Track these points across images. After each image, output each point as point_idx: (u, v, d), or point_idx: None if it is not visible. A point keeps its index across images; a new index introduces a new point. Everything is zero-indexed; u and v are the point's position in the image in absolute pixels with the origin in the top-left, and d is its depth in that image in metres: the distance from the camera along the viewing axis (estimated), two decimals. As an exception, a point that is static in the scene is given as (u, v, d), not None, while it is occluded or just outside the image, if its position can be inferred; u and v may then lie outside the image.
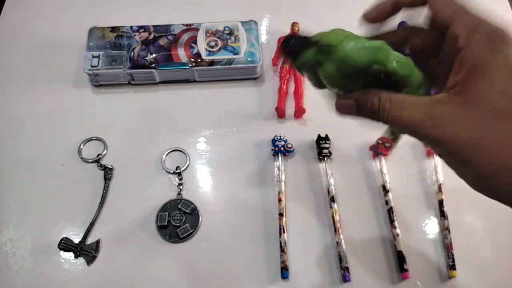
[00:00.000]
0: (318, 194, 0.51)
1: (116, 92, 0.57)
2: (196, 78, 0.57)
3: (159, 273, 0.46)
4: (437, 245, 0.48)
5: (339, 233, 0.47)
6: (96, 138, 0.53)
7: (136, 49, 0.56)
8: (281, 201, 0.49)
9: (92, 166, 0.52)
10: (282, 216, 0.48)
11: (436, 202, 0.50)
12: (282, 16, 0.64)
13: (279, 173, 0.51)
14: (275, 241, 0.47)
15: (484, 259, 0.47)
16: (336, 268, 0.46)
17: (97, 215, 0.48)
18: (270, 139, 0.53)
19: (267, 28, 0.64)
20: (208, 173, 0.52)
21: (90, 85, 0.57)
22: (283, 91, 0.55)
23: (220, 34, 0.57)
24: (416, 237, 0.48)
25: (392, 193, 0.50)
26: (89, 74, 0.55)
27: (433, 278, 0.46)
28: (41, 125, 0.55)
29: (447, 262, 0.46)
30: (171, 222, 0.48)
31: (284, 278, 0.46)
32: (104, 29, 0.58)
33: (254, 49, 0.57)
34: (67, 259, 0.47)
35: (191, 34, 0.58)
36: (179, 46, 0.57)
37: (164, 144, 0.53)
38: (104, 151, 0.52)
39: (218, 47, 0.56)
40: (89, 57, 0.55)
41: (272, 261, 0.47)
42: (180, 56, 0.56)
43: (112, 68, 0.55)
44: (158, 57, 0.56)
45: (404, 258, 0.46)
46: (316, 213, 0.49)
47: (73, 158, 0.52)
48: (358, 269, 0.46)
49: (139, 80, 0.57)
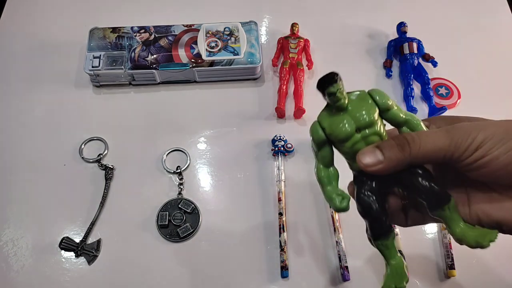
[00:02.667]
0: (318, 194, 0.51)
1: (117, 93, 0.57)
2: (197, 79, 0.58)
3: (159, 272, 0.46)
4: (436, 244, 0.48)
5: (339, 233, 0.48)
6: (97, 138, 0.54)
7: (136, 50, 0.56)
8: (281, 201, 0.49)
9: (93, 166, 0.52)
10: (282, 215, 0.48)
11: (435, 202, 0.50)
12: (282, 16, 0.64)
13: (279, 173, 0.51)
14: (275, 241, 0.48)
15: (483, 258, 0.47)
16: (336, 267, 0.47)
17: (98, 215, 0.49)
18: (270, 139, 0.53)
19: (267, 28, 0.64)
20: (208, 173, 0.52)
21: (91, 86, 0.58)
22: (283, 91, 0.56)
23: (220, 34, 0.58)
24: (415, 237, 0.49)
25: (392, 193, 0.50)
26: (90, 75, 0.56)
27: (432, 278, 0.46)
28: (42, 125, 0.55)
29: (446, 261, 0.47)
30: (171, 221, 0.48)
31: (284, 278, 0.46)
32: (105, 30, 0.58)
33: (254, 50, 0.57)
34: (68, 258, 0.47)
35: (192, 34, 0.58)
36: (179, 46, 0.57)
37: (165, 144, 0.53)
38: (105, 151, 0.53)
39: (218, 48, 0.57)
40: (90, 57, 0.55)
41: (272, 260, 0.47)
42: (181, 56, 0.56)
43: (113, 69, 0.55)
44: (158, 57, 0.56)
45: (403, 257, 0.46)
46: (316, 213, 0.50)
47: (74, 158, 0.52)
48: (358, 269, 0.47)
49: (140, 80, 0.57)
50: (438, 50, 0.60)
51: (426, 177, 0.28)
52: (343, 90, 0.28)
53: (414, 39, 0.60)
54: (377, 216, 0.29)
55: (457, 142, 0.26)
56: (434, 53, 0.59)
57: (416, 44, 0.59)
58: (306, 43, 0.60)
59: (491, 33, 0.64)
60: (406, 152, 0.27)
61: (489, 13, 0.67)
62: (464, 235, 0.28)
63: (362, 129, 0.29)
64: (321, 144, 0.30)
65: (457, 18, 0.66)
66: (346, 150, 0.29)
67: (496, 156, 0.26)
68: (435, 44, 0.61)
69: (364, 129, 0.29)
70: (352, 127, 0.28)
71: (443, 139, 0.27)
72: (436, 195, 0.28)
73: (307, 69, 0.59)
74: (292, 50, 0.59)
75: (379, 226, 0.29)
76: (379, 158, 0.28)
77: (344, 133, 0.28)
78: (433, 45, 0.60)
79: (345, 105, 0.28)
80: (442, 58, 0.59)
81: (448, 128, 0.27)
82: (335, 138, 0.29)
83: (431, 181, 0.28)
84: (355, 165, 0.29)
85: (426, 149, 0.27)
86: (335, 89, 0.27)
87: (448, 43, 0.63)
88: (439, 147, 0.27)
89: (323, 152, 0.30)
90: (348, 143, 0.29)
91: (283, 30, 0.62)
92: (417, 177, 0.28)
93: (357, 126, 0.28)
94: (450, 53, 0.61)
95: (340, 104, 0.28)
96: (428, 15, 0.66)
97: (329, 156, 0.30)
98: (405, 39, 0.60)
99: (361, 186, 0.29)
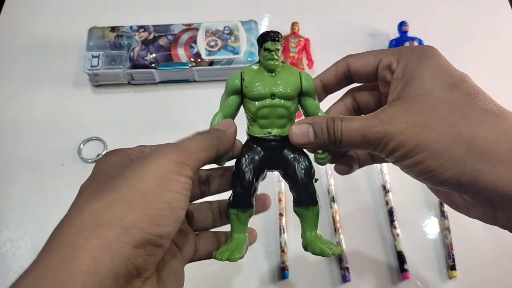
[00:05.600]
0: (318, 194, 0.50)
1: (116, 92, 0.57)
2: (196, 78, 0.57)
3: (159, 273, 0.46)
4: (437, 245, 0.48)
5: (339, 233, 0.47)
6: (96, 138, 0.53)
7: (136, 49, 0.56)
8: (281, 201, 0.49)
9: (92, 166, 0.51)
10: (282, 216, 0.48)
11: (436, 202, 0.50)
12: (282, 16, 0.64)
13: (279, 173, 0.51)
14: (275, 241, 0.47)
15: (484, 259, 0.47)
16: (336, 268, 0.46)
17: (97, 215, 0.48)
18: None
19: (267, 28, 0.64)
20: (208, 173, 0.52)
21: (90, 85, 0.57)
22: (283, 91, 0.55)
23: (220, 34, 0.57)
24: (416, 237, 0.48)
25: (392, 193, 0.50)
26: (89, 74, 0.55)
27: (433, 278, 0.46)
28: (41, 125, 0.54)
29: (447, 262, 0.46)
30: (171, 222, 0.48)
31: (284, 278, 0.46)
32: (104, 29, 0.58)
33: (254, 49, 0.57)
34: (67, 259, 0.46)
35: (191, 34, 0.57)
36: (179, 46, 0.56)
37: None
38: (104, 151, 0.52)
39: (218, 47, 0.56)
40: (89, 57, 0.55)
41: (272, 261, 0.47)
42: (180, 56, 0.56)
43: (112, 68, 0.55)
44: (158, 57, 0.55)
45: (404, 258, 0.46)
46: (316, 213, 0.49)
47: (73, 158, 0.52)
48: (358, 269, 0.46)
49: (139, 80, 0.57)
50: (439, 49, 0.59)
51: (308, 172, 0.30)
52: (280, 55, 0.29)
53: (415, 39, 0.59)
54: (247, 187, 0.30)
55: (371, 144, 0.27)
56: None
57: (417, 43, 0.59)
58: (306, 42, 0.60)
59: (493, 32, 0.64)
60: (330, 135, 0.28)
61: (491, 12, 0.66)
62: (312, 241, 0.30)
63: (276, 98, 0.29)
64: (232, 93, 0.30)
65: (459, 18, 0.65)
66: (252, 109, 0.30)
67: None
68: (436, 43, 0.60)
69: (278, 98, 0.29)
70: (269, 90, 0.29)
71: (361, 140, 0.27)
72: (310, 193, 0.30)
73: (307, 68, 0.59)
74: (293, 49, 0.58)
75: (243, 197, 0.30)
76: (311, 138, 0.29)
77: (259, 91, 0.29)
78: (434, 44, 0.60)
79: (275, 68, 0.29)
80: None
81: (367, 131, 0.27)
82: (249, 93, 0.29)
83: (311, 178, 0.30)
84: (254, 129, 0.30)
85: (348, 130, 0.27)
86: (273, 47, 0.28)
87: (449, 42, 0.62)
88: (358, 143, 0.28)
89: (230, 101, 0.30)
90: (258, 104, 0.29)
91: (283, 29, 0.62)
92: (301, 169, 0.30)
93: (272, 92, 0.29)
94: (451, 52, 0.60)
95: (270, 65, 0.29)
96: (429, 15, 0.65)
97: (233, 108, 0.31)
98: (406, 39, 0.60)
99: (248, 151, 0.30)
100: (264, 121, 0.30)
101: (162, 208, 0.23)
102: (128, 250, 0.21)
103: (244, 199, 0.30)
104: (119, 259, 0.21)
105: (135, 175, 0.23)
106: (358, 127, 0.27)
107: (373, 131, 0.26)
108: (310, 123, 0.29)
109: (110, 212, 0.22)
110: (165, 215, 0.23)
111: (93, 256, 0.21)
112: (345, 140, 0.28)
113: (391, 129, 0.26)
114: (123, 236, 0.21)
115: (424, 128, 0.25)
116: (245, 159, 0.30)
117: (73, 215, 0.23)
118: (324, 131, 0.28)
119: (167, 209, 0.23)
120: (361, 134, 0.27)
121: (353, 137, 0.27)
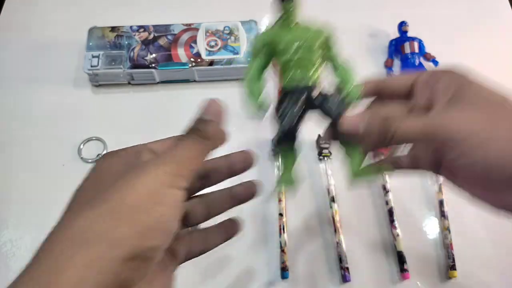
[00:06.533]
0: (318, 194, 0.51)
1: (116, 92, 0.57)
2: (196, 78, 0.57)
3: (159, 273, 0.46)
4: (437, 245, 0.48)
5: (339, 233, 0.47)
6: (96, 138, 0.53)
7: (136, 49, 0.56)
8: (281, 201, 0.49)
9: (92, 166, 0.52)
10: (282, 216, 0.48)
11: (436, 202, 0.50)
12: (282, 16, 0.64)
13: (279, 173, 0.51)
14: (275, 241, 0.47)
15: (484, 259, 0.47)
16: (336, 268, 0.46)
17: (97, 215, 0.48)
18: (270, 139, 0.53)
19: (267, 28, 0.63)
20: (208, 173, 0.52)
21: (89, 85, 0.57)
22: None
23: (220, 34, 0.57)
24: (416, 237, 0.48)
25: (392, 193, 0.50)
26: (88, 74, 0.55)
27: (433, 278, 0.46)
28: (40, 125, 0.54)
29: (447, 262, 0.46)
30: (171, 222, 0.48)
31: (284, 278, 0.45)
32: (104, 29, 0.57)
33: (254, 49, 0.56)
34: (67, 259, 0.46)
35: (191, 34, 0.57)
36: (179, 46, 0.56)
37: (164, 144, 0.53)
38: (104, 151, 0.52)
39: (218, 47, 0.56)
40: (89, 57, 0.55)
41: (272, 261, 0.47)
42: (180, 56, 0.56)
43: (112, 68, 0.55)
44: (158, 57, 0.55)
45: (404, 258, 0.46)
46: (316, 213, 0.49)
47: (73, 158, 0.52)
48: (358, 269, 0.46)
49: (139, 80, 0.57)
50: (439, 49, 0.59)
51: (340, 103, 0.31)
52: (296, 12, 0.32)
53: (415, 39, 0.59)
54: (292, 127, 0.31)
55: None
56: (435, 53, 0.59)
57: (417, 43, 0.59)
58: (306, 42, 0.60)
59: (493, 32, 0.64)
60: (385, 130, 0.29)
61: (491, 12, 0.66)
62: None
63: (301, 50, 0.31)
64: (259, 50, 0.32)
65: (459, 18, 0.65)
66: (280, 63, 0.32)
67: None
68: (436, 43, 0.60)
69: (303, 50, 0.31)
70: (293, 42, 0.31)
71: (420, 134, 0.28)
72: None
73: (307, 68, 0.59)
74: (292, 49, 0.58)
75: (289, 136, 0.32)
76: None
77: (285, 42, 0.31)
78: (434, 44, 0.60)
79: (292, 22, 0.32)
80: (443, 58, 0.58)
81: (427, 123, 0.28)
82: (275, 46, 0.31)
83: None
84: (286, 82, 0.31)
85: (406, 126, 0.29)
86: (289, 6, 0.32)
87: (449, 42, 0.62)
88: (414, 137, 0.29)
89: (258, 60, 0.32)
90: (285, 57, 0.31)
91: (283, 29, 0.62)
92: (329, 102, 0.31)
93: (298, 46, 0.31)
94: (451, 52, 0.61)
95: (289, 18, 0.32)
96: (429, 15, 0.65)
97: (263, 64, 0.32)
98: (406, 39, 0.60)
99: (291, 98, 0.31)
100: (293, 71, 0.31)
101: (152, 222, 0.23)
102: (115, 265, 0.21)
103: (289, 138, 0.32)
104: (106, 274, 0.21)
105: (127, 187, 0.23)
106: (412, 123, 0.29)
107: (438, 123, 0.28)
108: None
109: (99, 226, 0.22)
110: (156, 228, 0.23)
111: (78, 272, 0.20)
112: (399, 134, 0.29)
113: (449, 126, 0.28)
114: (111, 250, 0.21)
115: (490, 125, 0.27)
116: (290, 103, 0.31)
117: (63, 227, 0.23)
118: (376, 129, 0.29)
119: (158, 223, 0.23)
120: (420, 127, 0.28)
121: (409, 129, 0.29)
